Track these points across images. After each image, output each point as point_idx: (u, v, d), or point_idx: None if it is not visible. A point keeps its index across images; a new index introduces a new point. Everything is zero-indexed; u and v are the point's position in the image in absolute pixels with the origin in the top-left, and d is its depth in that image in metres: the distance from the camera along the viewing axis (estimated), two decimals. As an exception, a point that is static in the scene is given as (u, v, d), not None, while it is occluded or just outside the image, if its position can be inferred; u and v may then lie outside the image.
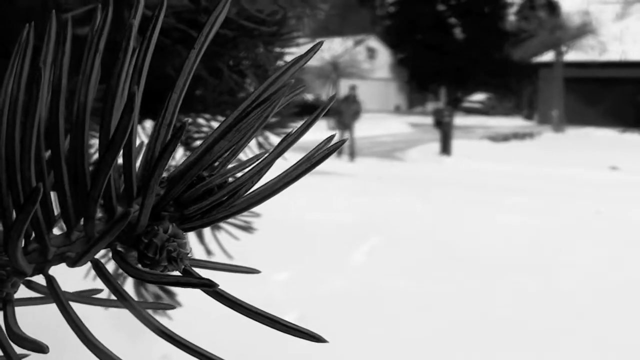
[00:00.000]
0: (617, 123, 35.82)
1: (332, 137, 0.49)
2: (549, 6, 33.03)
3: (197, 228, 0.43)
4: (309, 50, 0.51)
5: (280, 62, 1.66)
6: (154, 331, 0.43)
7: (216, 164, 0.43)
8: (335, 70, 33.08)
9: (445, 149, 20.83)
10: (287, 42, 1.47)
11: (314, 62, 28.81)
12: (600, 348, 5.14)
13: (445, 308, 5.99)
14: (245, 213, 1.95)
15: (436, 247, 8.32)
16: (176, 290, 1.73)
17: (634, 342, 5.29)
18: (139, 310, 0.42)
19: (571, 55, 31.87)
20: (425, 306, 6.02)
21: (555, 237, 9.23)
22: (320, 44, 0.50)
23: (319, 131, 0.48)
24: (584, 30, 30.84)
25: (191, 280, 0.43)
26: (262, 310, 0.44)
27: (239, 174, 0.44)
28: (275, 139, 2.09)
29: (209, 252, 1.81)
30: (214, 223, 0.42)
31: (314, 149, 0.46)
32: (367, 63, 37.21)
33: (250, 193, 0.44)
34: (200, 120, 1.81)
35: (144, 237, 0.41)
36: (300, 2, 1.54)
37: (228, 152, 0.43)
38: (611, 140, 27.82)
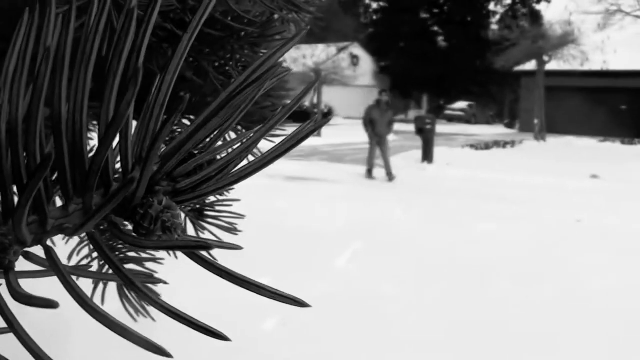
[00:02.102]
0: (598, 132, 36.04)
1: (316, 117, 0.49)
2: (531, 15, 33.13)
3: (189, 201, 0.44)
4: (294, 36, 0.53)
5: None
6: (147, 301, 0.44)
7: (207, 141, 0.45)
8: (318, 77, 33.08)
9: (427, 156, 20.87)
10: (273, 43, 1.48)
11: (297, 68, 28.78)
12: (583, 353, 5.17)
13: (428, 314, 6.01)
14: (229, 215, 1.95)
15: (418, 254, 8.34)
16: (158, 290, 1.74)
17: (615, 347, 5.32)
18: (133, 282, 0.43)
19: (553, 65, 32.00)
20: (407, 312, 6.04)
21: (536, 245, 9.27)
22: (305, 30, 0.51)
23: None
24: (566, 39, 30.96)
25: (189, 243, 0.44)
26: (248, 278, 0.45)
27: (228, 151, 0.46)
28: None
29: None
30: (204, 196, 0.44)
31: (299, 127, 0.47)
32: (350, 70, 37.20)
33: (239, 168, 0.45)
34: (186, 122, 1.83)
35: (140, 208, 0.42)
36: (286, 4, 1.55)
37: (218, 131, 0.44)
38: (592, 149, 27.98)
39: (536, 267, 7.92)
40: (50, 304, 0.40)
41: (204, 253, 0.48)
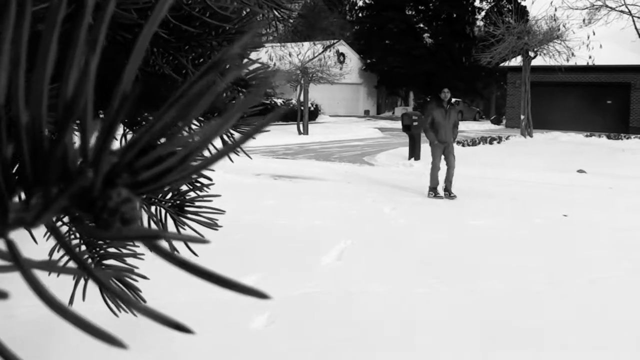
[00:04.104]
0: (584, 127, 36.18)
1: (280, 107, 0.48)
2: (517, 11, 33.17)
3: (150, 192, 0.45)
4: (252, 31, 0.53)
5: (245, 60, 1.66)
6: (109, 290, 0.45)
7: (168, 133, 0.45)
8: (305, 74, 33.05)
9: (414, 153, 20.87)
10: (252, 39, 1.48)
11: (283, 66, 28.70)
12: (569, 348, 5.19)
13: (416, 311, 6.01)
14: (208, 211, 1.95)
15: (406, 251, 8.35)
16: (139, 285, 1.73)
17: (601, 342, 5.34)
18: (97, 276, 0.43)
19: (539, 60, 32.07)
20: (395, 309, 6.04)
21: (523, 240, 9.30)
22: (262, 22, 0.51)
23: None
24: (552, 35, 31.03)
25: (142, 233, 0.45)
26: (210, 270, 0.45)
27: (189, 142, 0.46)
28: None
29: (173, 249, 1.80)
30: (165, 187, 0.44)
31: (263, 118, 0.47)
32: (337, 68, 37.19)
33: (200, 159, 0.46)
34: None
35: (98, 200, 0.43)
36: (266, 1, 1.55)
37: (180, 122, 0.44)
38: (578, 144, 28.04)
39: (525, 262, 7.94)
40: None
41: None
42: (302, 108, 33.86)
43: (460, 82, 57.99)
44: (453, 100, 12.85)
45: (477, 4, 62.82)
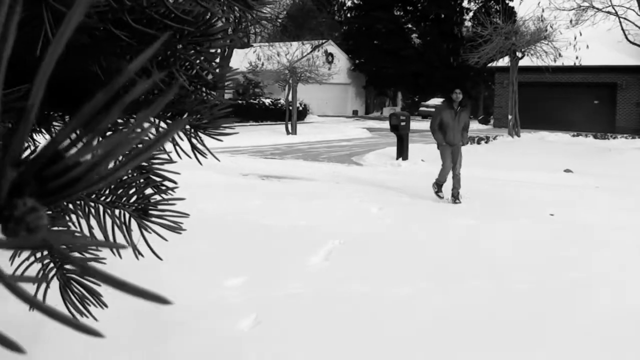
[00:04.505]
0: (571, 127, 36.28)
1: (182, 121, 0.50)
2: (505, 12, 33.24)
3: (58, 201, 0.47)
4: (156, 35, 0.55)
5: (214, 63, 1.69)
6: (22, 299, 0.46)
7: (80, 141, 0.47)
8: (293, 74, 33.03)
9: (402, 153, 20.90)
10: (217, 42, 1.50)
11: (271, 66, 28.67)
12: (554, 347, 5.22)
13: (403, 311, 6.02)
14: (173, 214, 1.97)
15: (393, 251, 8.34)
16: (101, 290, 1.76)
17: (586, 339, 5.37)
18: (10, 283, 0.45)
19: (526, 61, 32.16)
20: (383, 309, 6.04)
21: (509, 240, 9.33)
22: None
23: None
24: (539, 35, 31.10)
25: (31, 242, 0.45)
26: (110, 274, 0.45)
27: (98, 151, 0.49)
28: (209, 141, 2.12)
29: (138, 253, 1.83)
30: (73, 195, 0.46)
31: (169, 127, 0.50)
32: (325, 68, 37.18)
33: (109, 168, 0.47)
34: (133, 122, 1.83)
35: (4, 210, 0.45)
36: (235, 2, 1.57)
37: (90, 132, 0.46)
38: (565, 144, 28.10)
39: (511, 261, 7.97)
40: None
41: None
42: (291, 108, 33.85)
43: (448, 82, 57.85)
44: (456, 100, 12.04)
45: (465, 4, 62.98)
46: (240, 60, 44.12)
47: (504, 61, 33.66)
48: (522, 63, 32.20)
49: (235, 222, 9.87)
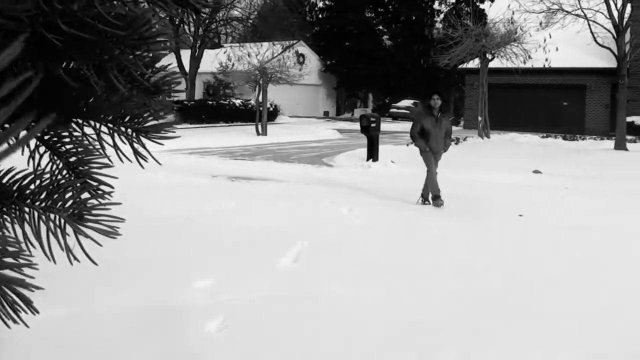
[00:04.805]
0: (541, 128, 36.51)
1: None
2: (475, 14, 33.37)
3: None
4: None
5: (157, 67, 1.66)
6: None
7: None
8: (264, 75, 32.96)
9: (372, 154, 20.92)
10: (157, 45, 1.47)
11: (241, 66, 28.58)
12: (524, 346, 5.22)
13: (373, 312, 6.00)
14: (108, 218, 1.94)
15: (363, 252, 8.32)
16: (31, 297, 1.72)
17: (555, 339, 5.38)
18: None
19: (496, 62, 32.30)
20: (353, 311, 6.01)
21: (479, 241, 9.35)
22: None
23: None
24: (509, 38, 31.26)
25: None
26: None
27: None
28: (151, 145, 2.09)
29: (73, 258, 1.78)
30: None
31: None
32: (296, 69, 37.12)
33: None
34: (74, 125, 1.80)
35: None
36: (175, 3, 1.54)
37: None
38: (535, 145, 28.27)
39: (480, 261, 7.98)
40: None
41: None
42: (261, 109, 33.77)
43: (418, 84, 58.26)
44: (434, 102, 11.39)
45: (436, 6, 63.17)
46: (211, 60, 44.03)
47: (474, 63, 33.81)
48: (492, 65, 32.35)
49: (204, 224, 9.80)
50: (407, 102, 55.94)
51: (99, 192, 1.78)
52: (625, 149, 25.76)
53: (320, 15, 66.46)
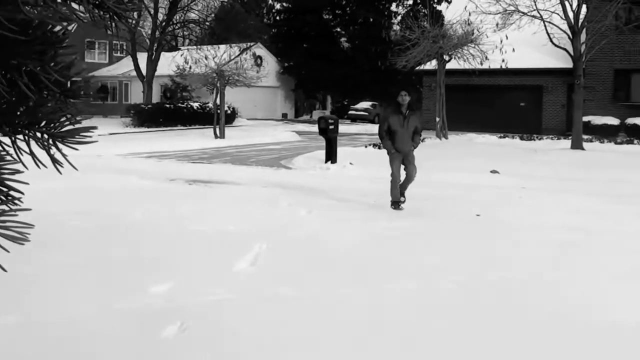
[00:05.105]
0: (498, 128, 36.70)
1: None
2: (432, 16, 33.53)
3: None
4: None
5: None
6: None
7: None
8: (221, 77, 32.80)
9: (331, 156, 20.89)
10: (68, 49, 1.40)
11: (199, 69, 28.42)
12: (479, 346, 5.20)
13: (331, 313, 5.99)
14: (17, 224, 1.86)
15: (321, 254, 8.31)
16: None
17: (511, 339, 5.36)
18: None
19: (453, 64, 32.45)
20: (311, 312, 6.00)
21: (436, 240, 9.36)
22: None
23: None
24: (466, 39, 31.43)
25: None
26: None
27: None
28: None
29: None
30: None
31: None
32: (254, 71, 36.96)
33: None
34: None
35: None
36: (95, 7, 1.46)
37: None
38: (492, 145, 28.43)
39: (437, 261, 8.00)
40: None
41: None
42: (219, 111, 33.62)
43: (377, 85, 58.44)
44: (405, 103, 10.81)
45: (393, 8, 63.40)
46: (168, 63, 43.77)
47: (432, 64, 33.97)
48: (449, 66, 32.52)
49: (161, 228, 9.72)
50: (365, 104, 56.02)
51: (9, 197, 1.69)
52: (581, 148, 25.98)
53: (277, 17, 66.41)
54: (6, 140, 1.78)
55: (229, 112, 42.62)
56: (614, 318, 6.01)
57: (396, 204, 12.04)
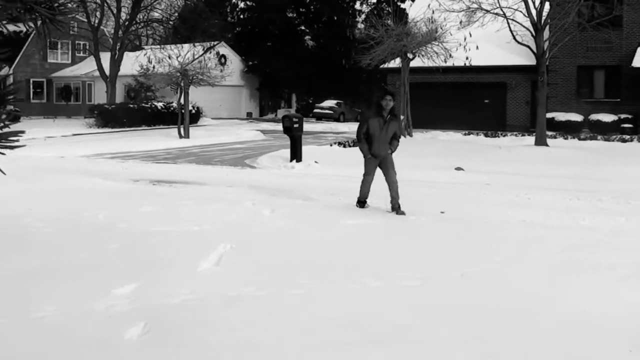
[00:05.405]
0: (463, 126, 36.84)
1: None
2: (396, 14, 33.55)
3: None
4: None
5: None
6: None
7: None
8: (185, 77, 32.65)
9: (296, 155, 20.88)
10: None
11: (162, 69, 28.25)
12: (441, 342, 5.20)
13: (294, 312, 5.99)
14: None
15: (286, 253, 8.31)
16: None
17: (473, 334, 5.37)
18: None
19: (418, 62, 32.50)
20: (275, 311, 6.00)
21: (400, 238, 9.38)
22: None
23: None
24: (430, 37, 31.46)
25: None
26: None
27: None
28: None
29: None
30: None
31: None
32: (218, 70, 36.79)
33: None
34: None
35: None
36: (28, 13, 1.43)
37: None
38: (457, 142, 28.52)
39: (400, 259, 8.01)
40: None
41: None
42: (183, 111, 33.47)
43: (342, 84, 58.43)
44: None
45: (357, 6, 63.35)
46: (132, 63, 43.48)
47: (396, 62, 34.00)
48: (413, 64, 32.57)
49: (125, 229, 9.64)
50: (330, 102, 55.99)
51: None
52: (545, 145, 26.11)
53: (241, 16, 66.12)
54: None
55: (193, 111, 42.43)
56: (576, 310, 6.07)
57: (362, 203, 11.95)
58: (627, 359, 4.99)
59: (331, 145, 26.64)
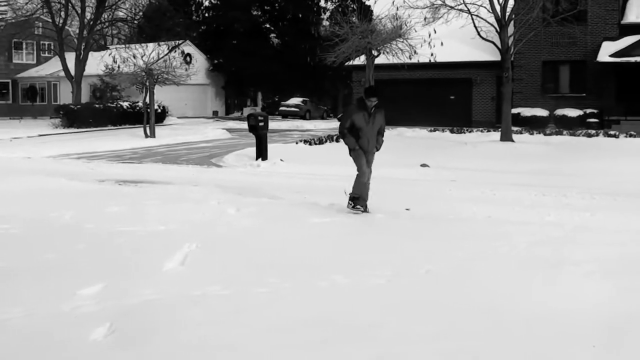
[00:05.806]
0: (428, 122, 36.97)
1: None
2: (361, 11, 33.55)
3: None
4: None
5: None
6: None
7: None
8: (150, 76, 32.47)
9: (261, 153, 20.85)
10: None
11: (127, 68, 28.04)
12: (409, 339, 5.23)
13: (261, 311, 5.98)
14: None
15: (251, 252, 8.30)
16: None
17: (440, 331, 5.40)
18: None
19: (382, 59, 32.52)
20: (240, 310, 5.99)
21: (366, 236, 9.40)
22: None
23: None
24: (395, 34, 31.48)
25: None
26: None
27: None
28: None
29: None
30: None
31: None
32: (183, 69, 36.64)
33: None
34: None
35: None
36: None
37: None
38: (423, 139, 28.63)
39: (367, 256, 8.02)
40: None
41: None
42: (149, 110, 33.31)
43: (307, 81, 58.43)
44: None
45: (322, 4, 63.30)
46: (97, 63, 43.18)
47: (361, 60, 33.98)
48: (378, 61, 32.56)
49: (91, 230, 9.59)
50: (296, 100, 56.00)
51: None
52: (511, 140, 26.28)
53: (206, 14, 65.84)
54: None
55: (159, 111, 42.21)
56: (542, 307, 6.10)
57: (363, 205, 11.37)
58: (590, 355, 5.03)
59: (297, 143, 26.62)
